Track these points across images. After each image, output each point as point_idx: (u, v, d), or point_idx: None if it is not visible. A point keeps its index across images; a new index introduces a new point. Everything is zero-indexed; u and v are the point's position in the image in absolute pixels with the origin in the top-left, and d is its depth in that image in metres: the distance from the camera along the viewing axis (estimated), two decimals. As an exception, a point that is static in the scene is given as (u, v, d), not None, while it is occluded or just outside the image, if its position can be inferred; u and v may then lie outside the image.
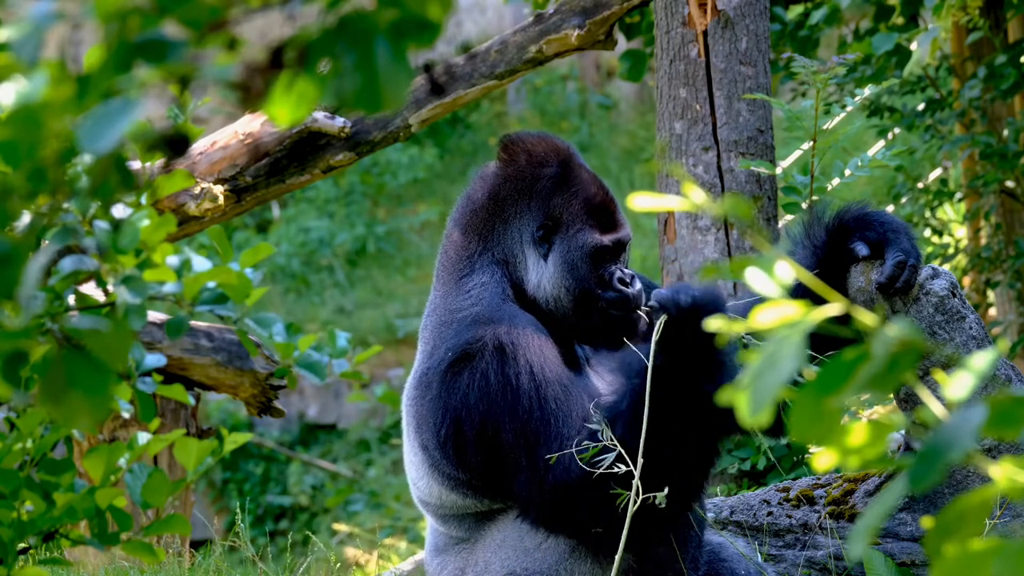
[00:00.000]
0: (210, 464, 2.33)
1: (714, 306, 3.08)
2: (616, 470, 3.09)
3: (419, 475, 3.45)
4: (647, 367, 3.09)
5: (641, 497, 3.08)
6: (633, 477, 3.08)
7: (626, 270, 3.42)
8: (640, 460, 3.08)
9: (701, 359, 3.07)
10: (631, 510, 3.10)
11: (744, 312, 3.64)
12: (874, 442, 1.44)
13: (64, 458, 2.27)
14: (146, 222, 1.88)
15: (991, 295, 8.29)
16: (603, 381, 3.43)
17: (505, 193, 3.45)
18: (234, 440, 2.35)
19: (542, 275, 3.41)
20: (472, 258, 3.45)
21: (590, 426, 3.15)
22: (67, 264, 1.82)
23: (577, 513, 3.19)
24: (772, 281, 1.47)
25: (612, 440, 3.11)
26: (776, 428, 3.53)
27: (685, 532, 3.36)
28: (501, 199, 3.45)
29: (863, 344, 1.41)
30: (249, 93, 1.37)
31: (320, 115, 5.70)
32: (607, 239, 3.40)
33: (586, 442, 3.14)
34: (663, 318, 3.09)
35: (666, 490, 3.07)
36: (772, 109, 5.09)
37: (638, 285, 3.41)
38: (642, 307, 3.40)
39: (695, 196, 1.54)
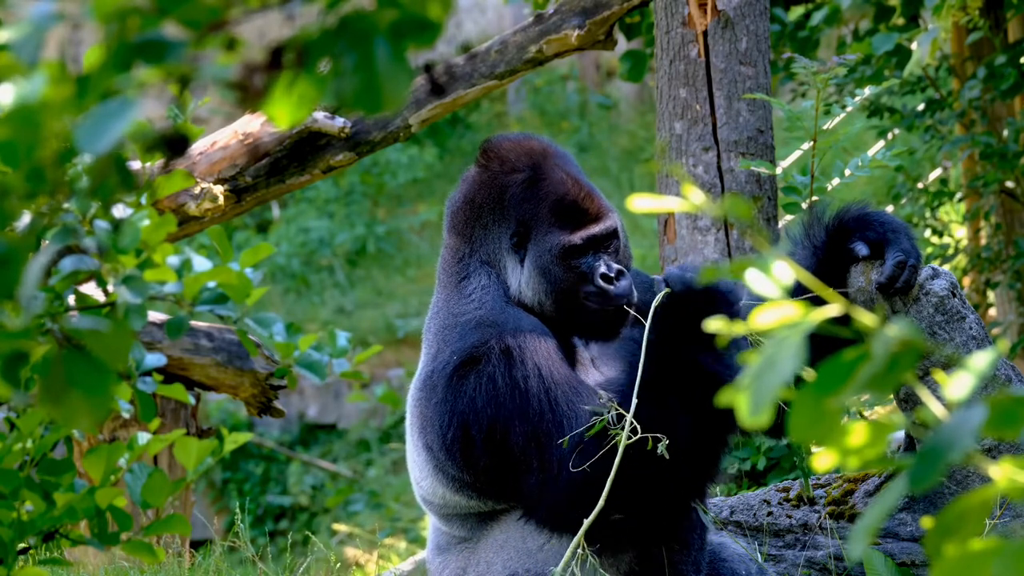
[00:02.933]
0: (210, 464, 2.33)
1: (721, 293, 3.13)
2: (619, 434, 3.10)
3: (422, 475, 3.46)
4: (643, 341, 3.14)
5: (636, 437, 3.08)
6: (635, 439, 3.09)
7: (613, 264, 3.39)
8: (635, 401, 3.10)
9: (696, 334, 3.10)
10: (623, 444, 3.10)
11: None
12: (874, 442, 1.44)
13: (64, 458, 2.27)
14: (146, 222, 1.88)
15: (991, 295, 8.28)
16: (607, 375, 3.43)
17: (480, 200, 3.45)
18: (234, 440, 2.36)
19: (520, 280, 3.41)
20: (464, 260, 3.46)
21: (594, 407, 3.16)
22: (67, 264, 1.82)
23: (586, 510, 3.18)
24: (772, 282, 1.47)
25: (615, 414, 3.12)
26: (776, 428, 3.53)
27: (688, 534, 3.36)
28: (477, 206, 3.46)
29: (863, 344, 1.41)
30: (248, 93, 1.37)
31: (320, 115, 5.70)
32: (577, 237, 3.38)
33: (593, 417, 3.15)
34: (664, 291, 3.13)
35: (664, 443, 3.08)
36: (772, 109, 5.10)
37: (624, 281, 3.39)
38: (632, 300, 3.38)
39: (695, 196, 1.54)
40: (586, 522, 3.15)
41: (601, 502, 3.14)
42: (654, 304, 3.17)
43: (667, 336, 3.15)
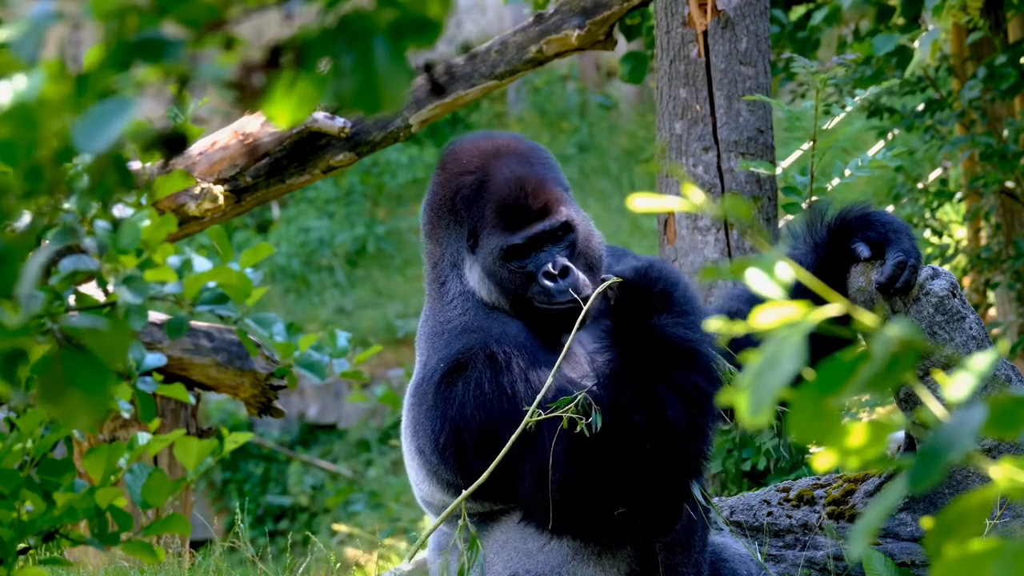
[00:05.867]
0: (210, 464, 2.33)
1: (664, 281, 3.18)
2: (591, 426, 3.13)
3: (419, 478, 3.47)
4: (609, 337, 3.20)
5: (619, 420, 3.10)
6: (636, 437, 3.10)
7: (559, 261, 3.35)
8: (608, 387, 3.14)
9: (658, 308, 3.18)
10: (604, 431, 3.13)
11: (738, 302, 3.65)
12: (874, 442, 1.44)
13: (64, 458, 2.27)
14: (146, 222, 1.88)
15: (991, 295, 8.28)
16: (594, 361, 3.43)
17: (438, 204, 3.45)
18: (234, 440, 2.36)
19: (476, 281, 3.41)
20: (439, 265, 3.47)
21: (575, 400, 3.17)
22: (67, 264, 1.82)
23: (584, 508, 3.18)
24: (772, 281, 1.47)
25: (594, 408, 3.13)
26: (776, 428, 3.53)
27: (688, 535, 3.36)
28: (437, 209, 3.46)
29: (857, 345, 1.41)
30: (246, 93, 1.37)
31: (320, 115, 5.70)
32: (517, 237, 3.35)
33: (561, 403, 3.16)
34: (612, 280, 3.20)
35: (599, 415, 3.10)
36: (772, 109, 5.10)
37: (568, 278, 3.34)
38: (584, 293, 3.35)
39: (695, 196, 1.54)
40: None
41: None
42: (597, 292, 3.23)
43: (629, 315, 3.18)
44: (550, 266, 3.33)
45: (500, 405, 3.19)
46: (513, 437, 3.18)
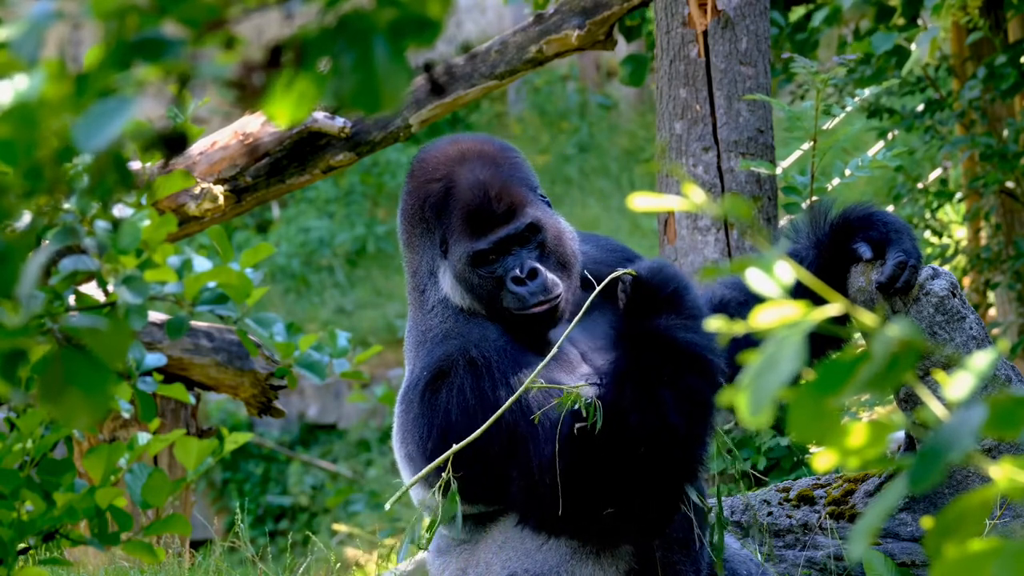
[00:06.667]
0: (210, 464, 2.33)
1: (675, 283, 3.16)
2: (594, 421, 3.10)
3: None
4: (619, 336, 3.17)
5: (600, 417, 3.07)
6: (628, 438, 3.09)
7: (527, 263, 3.34)
8: (609, 386, 3.11)
9: (666, 309, 3.14)
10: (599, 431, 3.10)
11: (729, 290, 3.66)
12: (874, 442, 1.44)
13: (64, 458, 2.28)
14: (146, 222, 1.88)
15: (991, 296, 8.28)
16: (587, 359, 3.42)
17: (410, 212, 3.45)
18: (234, 440, 2.36)
19: (450, 287, 3.40)
20: (418, 274, 3.47)
21: (568, 399, 3.15)
22: (67, 264, 1.82)
23: (577, 508, 3.18)
24: (772, 281, 1.47)
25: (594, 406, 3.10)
26: (775, 428, 3.53)
27: (688, 535, 3.36)
28: (409, 218, 3.46)
29: (853, 344, 1.41)
30: (246, 92, 1.37)
31: (320, 115, 5.70)
32: (483, 243, 3.34)
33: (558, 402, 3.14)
34: (624, 286, 3.17)
35: (601, 412, 3.07)
36: (772, 109, 5.10)
37: (536, 280, 3.32)
38: (554, 293, 3.34)
39: (695, 196, 1.54)
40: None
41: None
42: (606, 281, 3.20)
43: (638, 314, 3.15)
44: (518, 270, 3.32)
45: (483, 412, 3.19)
46: (467, 441, 3.18)
